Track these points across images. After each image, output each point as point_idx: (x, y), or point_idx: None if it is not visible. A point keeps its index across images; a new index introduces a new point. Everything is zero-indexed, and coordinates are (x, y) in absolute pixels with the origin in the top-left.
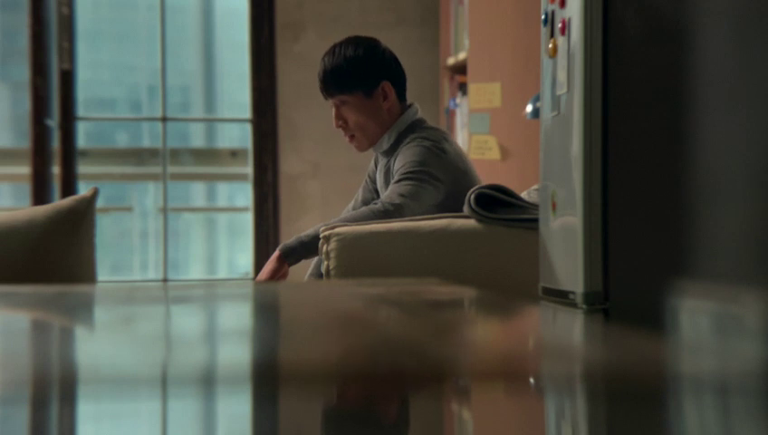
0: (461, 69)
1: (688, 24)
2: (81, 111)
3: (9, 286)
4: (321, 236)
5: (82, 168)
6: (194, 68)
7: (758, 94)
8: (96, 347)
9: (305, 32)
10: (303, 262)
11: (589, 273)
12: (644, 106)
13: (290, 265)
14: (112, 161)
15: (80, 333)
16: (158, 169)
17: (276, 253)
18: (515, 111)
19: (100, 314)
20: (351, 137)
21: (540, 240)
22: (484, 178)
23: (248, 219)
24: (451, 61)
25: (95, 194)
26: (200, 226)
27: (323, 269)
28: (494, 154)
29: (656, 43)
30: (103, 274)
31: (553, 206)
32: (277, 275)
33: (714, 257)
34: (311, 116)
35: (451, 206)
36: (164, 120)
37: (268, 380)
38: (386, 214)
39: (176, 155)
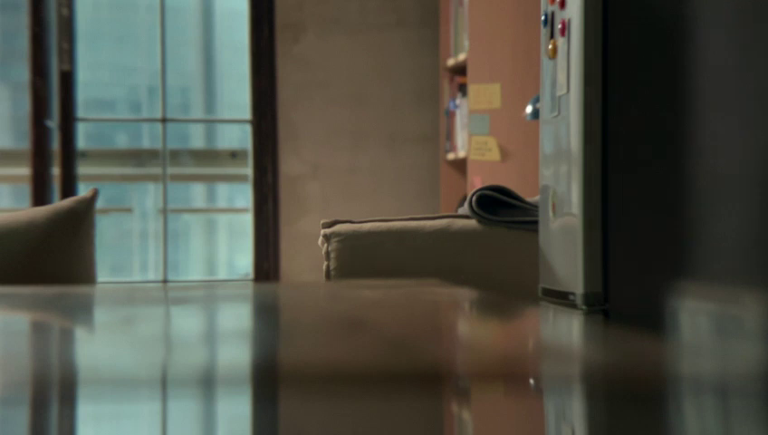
0: (461, 70)
1: (688, 25)
2: (80, 112)
3: (9, 287)
4: (321, 235)
5: (82, 169)
6: (194, 69)
7: (758, 94)
8: (96, 348)
9: (305, 33)
10: (300, 260)
11: (588, 274)
12: (644, 107)
13: None
14: (112, 162)
15: (80, 334)
16: (157, 170)
17: None
18: (515, 112)
19: (99, 315)
20: None
21: (539, 241)
22: (485, 179)
23: (248, 220)
24: (451, 62)
25: (95, 195)
26: (200, 227)
27: (324, 269)
28: (494, 155)
29: (656, 43)
30: (103, 275)
31: (553, 206)
32: None
33: (714, 258)
34: (311, 117)
35: None
36: (164, 121)
37: (268, 381)
38: None
39: (175, 156)
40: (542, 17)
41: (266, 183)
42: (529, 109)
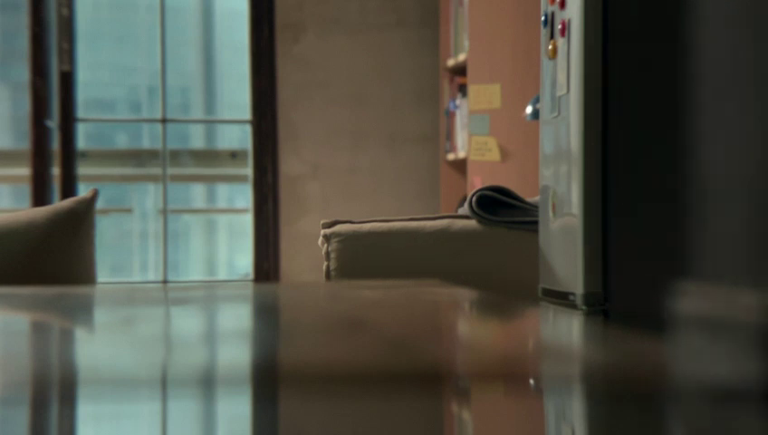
0: (461, 70)
1: (688, 25)
2: (80, 112)
3: (9, 288)
4: (321, 235)
5: (82, 169)
6: (194, 69)
7: (759, 94)
8: (96, 348)
9: (305, 33)
10: (300, 260)
11: (588, 274)
12: (644, 107)
13: None
14: (112, 163)
15: (79, 334)
16: (157, 171)
17: None
18: (515, 112)
19: (99, 315)
20: None
21: (539, 241)
22: (485, 179)
23: (248, 221)
24: (451, 62)
25: (95, 195)
26: (200, 227)
27: (324, 269)
28: (494, 155)
29: (656, 43)
30: (103, 275)
31: (553, 207)
32: None
33: (713, 259)
34: (310, 117)
35: None
36: (164, 121)
37: (268, 381)
38: None
39: (175, 156)
40: (542, 17)
41: (266, 183)
42: (529, 109)
